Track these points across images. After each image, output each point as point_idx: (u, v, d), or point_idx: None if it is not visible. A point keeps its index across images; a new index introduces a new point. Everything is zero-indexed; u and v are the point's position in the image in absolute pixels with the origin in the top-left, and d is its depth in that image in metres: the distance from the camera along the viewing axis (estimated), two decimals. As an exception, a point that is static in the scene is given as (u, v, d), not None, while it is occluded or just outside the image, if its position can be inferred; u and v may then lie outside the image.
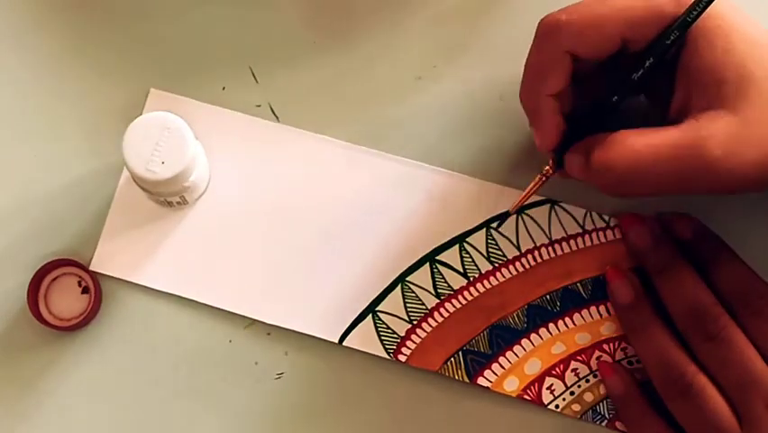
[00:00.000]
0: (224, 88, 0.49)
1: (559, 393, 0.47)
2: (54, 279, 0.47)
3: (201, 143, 0.47)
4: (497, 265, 0.48)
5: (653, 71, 0.42)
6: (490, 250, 0.48)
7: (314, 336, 0.47)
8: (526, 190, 0.46)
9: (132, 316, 0.48)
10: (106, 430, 0.47)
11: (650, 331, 0.45)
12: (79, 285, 0.48)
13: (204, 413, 0.47)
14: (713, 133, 0.40)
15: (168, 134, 0.43)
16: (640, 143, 0.41)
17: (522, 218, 0.48)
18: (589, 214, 0.48)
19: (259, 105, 0.49)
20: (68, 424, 0.47)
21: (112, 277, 0.47)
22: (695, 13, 0.40)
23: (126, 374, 0.47)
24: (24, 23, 0.50)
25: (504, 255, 0.48)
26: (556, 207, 0.48)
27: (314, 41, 0.50)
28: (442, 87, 0.50)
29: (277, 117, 0.49)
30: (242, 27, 0.50)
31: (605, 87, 0.44)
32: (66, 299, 0.47)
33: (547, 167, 0.45)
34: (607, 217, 0.48)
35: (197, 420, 0.47)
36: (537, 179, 0.46)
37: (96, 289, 0.47)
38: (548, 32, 0.43)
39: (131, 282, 0.47)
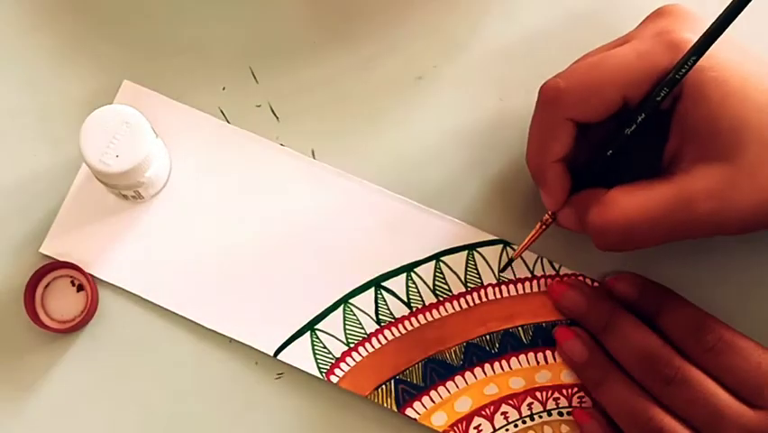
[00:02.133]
0: (224, 88, 0.49)
1: (485, 435, 0.47)
2: (47, 285, 0.47)
3: (164, 140, 0.48)
4: (441, 299, 0.48)
5: (647, 123, 0.42)
6: (437, 283, 0.48)
7: (249, 346, 0.47)
8: (527, 239, 0.46)
9: (132, 316, 0.47)
10: (106, 431, 0.47)
11: (610, 383, 0.45)
12: (72, 284, 0.47)
13: (204, 413, 0.47)
14: (703, 186, 0.40)
15: (126, 129, 0.44)
16: (631, 205, 0.42)
17: (473, 255, 0.48)
18: (540, 260, 0.48)
19: (259, 105, 0.49)
20: (68, 424, 0.47)
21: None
22: (683, 70, 0.40)
23: (126, 375, 0.47)
24: (22, 25, 0.50)
25: (450, 290, 0.48)
26: (508, 248, 0.48)
27: (314, 41, 0.50)
28: (442, 87, 0.50)
29: (277, 117, 0.49)
30: (242, 27, 0.50)
31: (603, 136, 0.44)
32: (63, 301, 0.47)
33: (546, 216, 0.46)
34: (557, 265, 0.48)
35: (197, 420, 0.47)
36: (537, 227, 0.46)
37: (91, 286, 0.46)
38: (549, 100, 0.43)
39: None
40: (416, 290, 0.48)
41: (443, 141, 0.49)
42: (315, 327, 0.47)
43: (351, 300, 0.48)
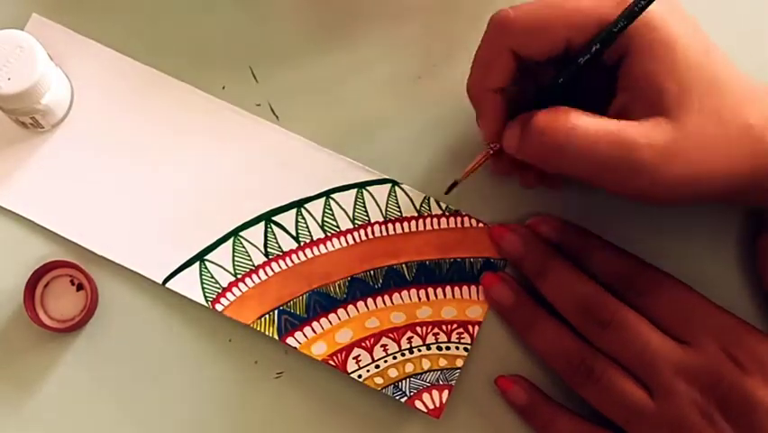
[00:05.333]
0: (223, 87, 0.50)
1: (364, 364, 0.48)
2: (47, 284, 0.48)
3: (70, 73, 0.49)
4: (329, 234, 0.49)
5: (593, 70, 0.43)
6: (326, 219, 0.49)
7: (139, 274, 0.48)
8: (474, 162, 0.46)
9: (131, 315, 0.48)
10: (106, 430, 0.47)
11: (540, 326, 0.46)
12: (72, 283, 0.48)
13: (203, 412, 0.47)
14: (651, 138, 0.40)
15: (19, 52, 0.45)
16: (581, 121, 0.41)
17: (362, 193, 0.49)
18: (427, 200, 0.49)
19: (259, 105, 0.50)
20: (67, 423, 0.47)
21: (106, 276, 0.48)
22: (643, 2, 0.40)
23: (125, 374, 0.48)
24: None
25: (337, 226, 0.49)
26: (397, 187, 0.49)
27: (314, 41, 0.51)
28: (442, 86, 0.50)
29: (276, 117, 0.50)
30: (242, 27, 0.51)
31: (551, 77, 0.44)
32: (62, 300, 0.48)
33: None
34: (443, 205, 0.49)
35: (197, 419, 0.47)
36: (484, 152, 0.46)
37: (91, 285, 0.47)
38: (496, 28, 0.43)
39: (127, 281, 0.48)
40: (305, 226, 0.49)
41: (444, 140, 0.49)
42: (205, 257, 0.48)
43: (241, 233, 0.49)
